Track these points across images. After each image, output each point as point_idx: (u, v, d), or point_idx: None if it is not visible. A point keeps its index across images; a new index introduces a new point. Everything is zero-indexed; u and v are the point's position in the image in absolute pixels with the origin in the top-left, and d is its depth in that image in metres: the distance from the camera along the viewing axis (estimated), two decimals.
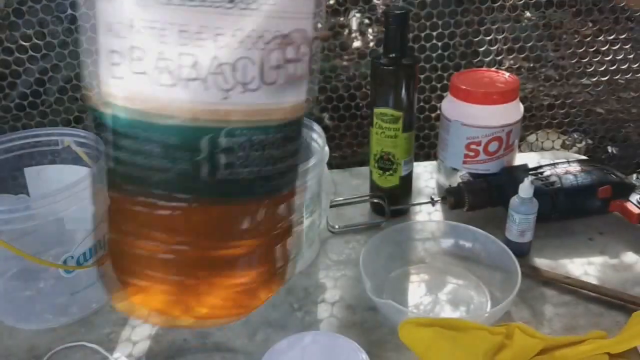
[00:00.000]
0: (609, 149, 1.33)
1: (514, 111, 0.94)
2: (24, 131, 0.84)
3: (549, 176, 0.91)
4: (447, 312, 0.77)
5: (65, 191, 0.70)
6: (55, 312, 0.78)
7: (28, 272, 0.79)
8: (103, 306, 0.80)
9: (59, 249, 0.81)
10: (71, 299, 0.78)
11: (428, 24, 1.16)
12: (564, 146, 1.31)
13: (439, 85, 1.22)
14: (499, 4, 1.16)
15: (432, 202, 0.94)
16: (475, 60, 1.22)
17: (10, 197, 0.84)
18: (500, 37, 1.20)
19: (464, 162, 0.97)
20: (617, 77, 1.24)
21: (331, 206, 0.94)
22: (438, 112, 1.24)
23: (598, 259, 0.86)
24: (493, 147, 0.94)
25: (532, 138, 1.33)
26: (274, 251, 0.42)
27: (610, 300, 0.78)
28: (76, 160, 0.83)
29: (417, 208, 0.99)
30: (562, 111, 1.28)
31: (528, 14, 1.27)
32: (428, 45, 1.17)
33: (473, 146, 0.95)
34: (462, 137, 0.95)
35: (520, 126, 0.97)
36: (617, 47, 1.21)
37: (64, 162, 0.84)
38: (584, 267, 0.85)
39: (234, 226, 0.39)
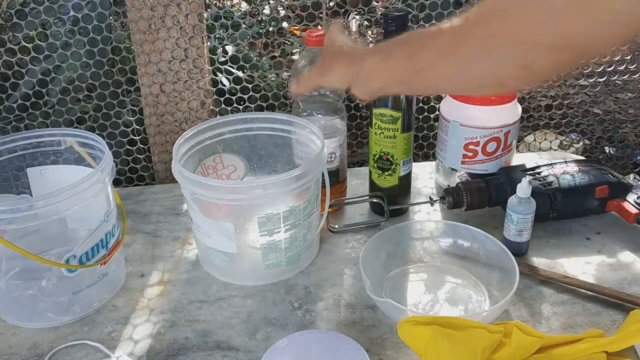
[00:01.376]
0: (606, 149, 1.33)
1: (512, 112, 0.95)
2: (27, 132, 0.84)
3: (546, 176, 0.92)
4: (446, 311, 0.78)
5: (68, 191, 0.71)
6: (57, 310, 0.78)
7: (31, 271, 0.80)
8: (105, 305, 0.81)
9: (61, 248, 0.81)
10: (73, 298, 0.78)
11: (427, 25, 1.17)
12: (561, 146, 1.32)
13: None
14: None
15: (431, 201, 0.95)
16: None
17: (12, 197, 0.85)
18: None
19: (463, 163, 0.97)
20: (614, 78, 1.25)
21: (331, 206, 0.94)
22: (437, 112, 1.24)
23: (595, 258, 0.87)
24: (491, 147, 0.95)
25: (530, 138, 1.34)
26: None
27: (608, 299, 0.78)
28: (78, 161, 0.84)
29: (416, 208, 0.99)
30: (559, 112, 1.29)
31: None
32: None
33: (471, 146, 0.95)
34: (461, 138, 0.95)
35: (518, 127, 0.97)
36: (614, 48, 1.22)
37: (66, 163, 0.85)
38: (582, 267, 0.86)
39: None
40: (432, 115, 1.26)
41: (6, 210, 0.69)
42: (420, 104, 1.26)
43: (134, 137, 1.20)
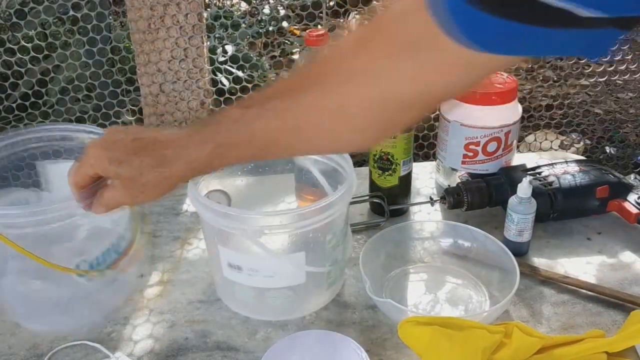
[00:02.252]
0: (607, 149, 1.33)
1: (512, 112, 0.95)
2: (39, 126, 0.82)
3: (547, 176, 0.92)
4: (446, 311, 0.77)
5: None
6: (65, 313, 0.76)
7: (40, 270, 0.77)
8: (113, 309, 0.80)
9: (69, 243, 0.78)
10: (83, 302, 0.76)
11: None
12: (562, 146, 1.32)
13: None
14: None
15: (431, 202, 0.95)
16: None
17: (23, 191, 0.83)
18: None
19: (463, 162, 0.97)
20: (614, 78, 1.25)
21: None
22: (437, 112, 1.24)
23: (596, 259, 0.87)
24: (492, 147, 0.95)
25: (530, 138, 1.34)
26: None
27: (608, 300, 0.78)
28: None
29: (416, 208, 0.99)
30: (560, 112, 1.28)
31: None
32: None
33: (472, 146, 0.95)
34: (461, 138, 0.95)
35: (518, 127, 0.97)
36: (614, 47, 1.22)
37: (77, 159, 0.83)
38: (582, 267, 0.85)
39: None
40: (432, 115, 1.26)
41: (20, 214, 0.67)
42: None
43: None
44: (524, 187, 0.83)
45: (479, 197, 0.92)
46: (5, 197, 0.80)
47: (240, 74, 1.23)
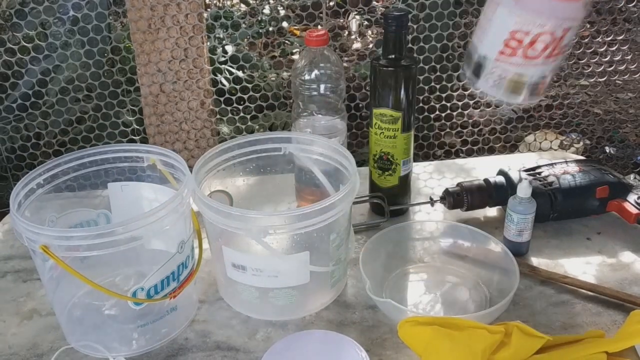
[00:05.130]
0: (607, 149, 1.33)
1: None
2: (109, 145, 0.80)
3: (547, 176, 0.92)
4: (446, 311, 0.78)
5: (146, 218, 0.66)
6: (121, 340, 0.74)
7: (97, 295, 0.74)
8: (175, 337, 0.77)
9: (130, 269, 0.79)
10: (139, 331, 0.73)
11: (427, 25, 1.17)
12: (562, 146, 1.32)
13: (437, 86, 1.23)
14: None
15: (431, 202, 0.95)
16: None
17: (91, 212, 0.80)
18: None
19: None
20: (614, 78, 1.25)
21: None
22: (437, 112, 1.24)
23: (596, 259, 0.87)
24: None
25: (530, 138, 1.34)
26: None
27: (608, 300, 0.78)
28: (160, 180, 0.79)
29: (417, 208, 0.99)
30: (560, 112, 1.29)
31: None
32: (427, 46, 1.17)
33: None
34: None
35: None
36: (614, 48, 1.22)
37: (147, 180, 0.80)
38: (582, 267, 0.85)
39: None
40: (432, 115, 1.26)
41: (87, 236, 0.64)
42: (420, 104, 1.25)
43: (134, 137, 1.21)
44: (524, 187, 0.83)
45: (479, 197, 0.92)
46: (72, 218, 0.77)
47: (240, 74, 1.23)
